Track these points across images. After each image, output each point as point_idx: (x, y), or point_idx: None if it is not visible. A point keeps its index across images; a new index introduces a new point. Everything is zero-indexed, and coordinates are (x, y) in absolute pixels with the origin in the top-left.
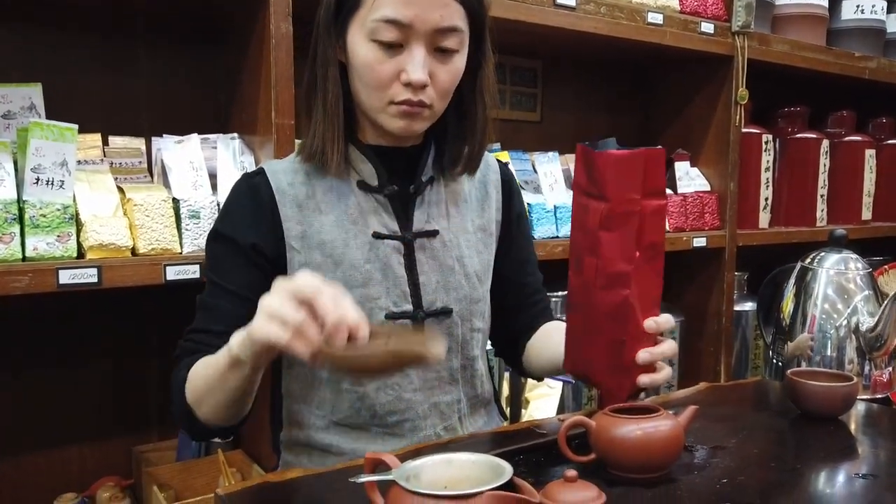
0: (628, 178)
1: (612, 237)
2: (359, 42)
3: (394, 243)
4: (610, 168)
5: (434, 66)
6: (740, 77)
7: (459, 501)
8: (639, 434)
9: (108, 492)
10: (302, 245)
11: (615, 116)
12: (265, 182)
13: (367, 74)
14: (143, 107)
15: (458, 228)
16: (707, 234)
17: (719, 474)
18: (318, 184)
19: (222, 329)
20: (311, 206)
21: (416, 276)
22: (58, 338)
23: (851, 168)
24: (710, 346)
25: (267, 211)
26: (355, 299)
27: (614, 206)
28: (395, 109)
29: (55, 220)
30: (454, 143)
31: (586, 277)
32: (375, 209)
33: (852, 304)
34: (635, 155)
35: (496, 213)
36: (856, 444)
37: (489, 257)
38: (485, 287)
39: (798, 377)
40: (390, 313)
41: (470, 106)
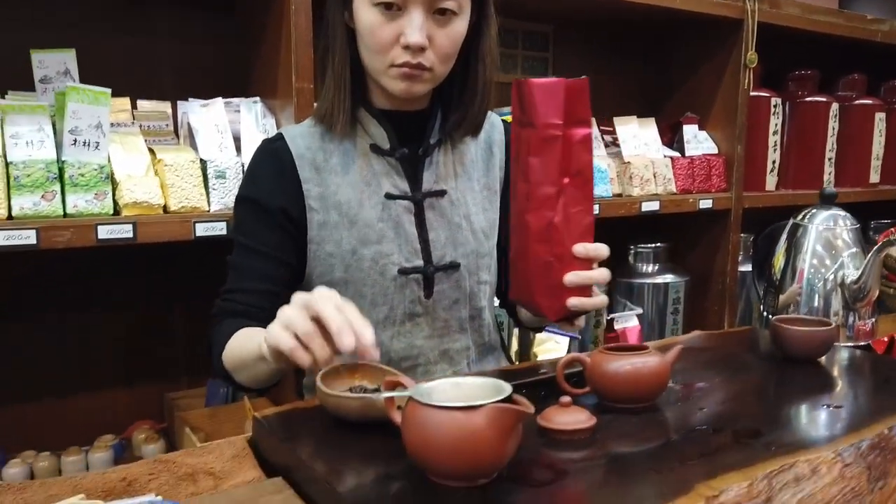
0: (551, 105)
1: (538, 162)
2: (362, 7)
3: (405, 203)
4: (534, 94)
5: (433, 29)
6: (750, 40)
7: (465, 412)
8: (628, 368)
9: (143, 433)
10: (320, 205)
11: (626, 80)
12: (284, 147)
13: (369, 38)
14: (167, 71)
15: (465, 188)
16: (713, 196)
17: (699, 404)
18: (333, 147)
19: (253, 286)
20: (327, 168)
21: (426, 233)
22: (96, 290)
23: (860, 131)
24: (714, 305)
25: (288, 174)
26: (370, 255)
27: (539, 132)
28: (395, 72)
29: (93, 180)
30: (458, 107)
31: (519, 203)
32: (387, 171)
33: (839, 258)
34: (556, 83)
35: (500, 172)
36: (831, 382)
37: (494, 215)
38: (491, 242)
39: (782, 323)
40: (402, 268)
41: (473, 69)
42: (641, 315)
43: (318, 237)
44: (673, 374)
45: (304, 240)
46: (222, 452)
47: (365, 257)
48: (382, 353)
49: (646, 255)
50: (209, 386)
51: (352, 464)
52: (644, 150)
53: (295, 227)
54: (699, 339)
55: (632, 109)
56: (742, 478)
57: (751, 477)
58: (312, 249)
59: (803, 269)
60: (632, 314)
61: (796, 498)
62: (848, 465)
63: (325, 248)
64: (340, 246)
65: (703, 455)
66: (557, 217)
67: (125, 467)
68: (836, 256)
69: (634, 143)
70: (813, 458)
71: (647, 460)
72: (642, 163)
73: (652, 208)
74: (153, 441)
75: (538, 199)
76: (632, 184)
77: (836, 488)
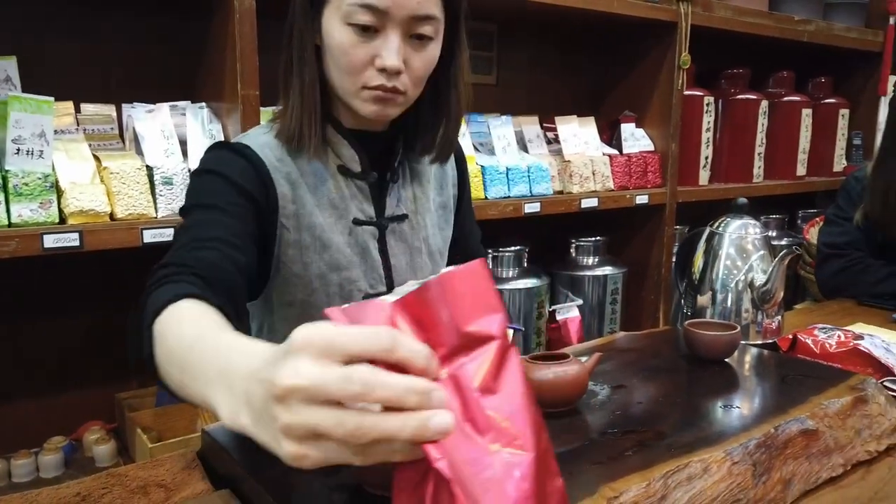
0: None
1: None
2: (334, 25)
3: (370, 229)
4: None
5: (409, 52)
6: (684, 42)
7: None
8: (550, 377)
9: (94, 434)
10: (294, 224)
11: (567, 79)
12: (256, 156)
13: (341, 58)
14: (111, 73)
15: (423, 209)
16: (649, 191)
17: (615, 407)
18: (301, 165)
19: (216, 234)
20: (301, 185)
21: (389, 259)
22: (45, 297)
23: (788, 127)
24: (650, 295)
25: (263, 181)
26: (337, 281)
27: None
28: (368, 94)
29: (37, 188)
30: (427, 131)
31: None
32: (355, 195)
33: (749, 262)
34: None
35: (453, 189)
36: (734, 383)
37: (449, 232)
38: (444, 261)
39: (691, 327)
40: (367, 295)
41: (444, 95)
42: (582, 306)
43: (285, 256)
44: (596, 375)
45: (262, 250)
46: (173, 465)
47: (332, 282)
48: None
49: (586, 248)
50: (159, 385)
51: (297, 476)
52: (584, 149)
53: (261, 231)
54: (624, 339)
55: (573, 108)
56: (641, 479)
57: (649, 478)
58: (277, 267)
59: (718, 272)
60: (573, 305)
61: (688, 495)
62: (736, 462)
63: (293, 268)
64: (309, 269)
65: (611, 458)
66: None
67: (78, 482)
68: (746, 260)
69: (575, 141)
70: (706, 457)
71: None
72: (582, 161)
73: (591, 205)
74: (104, 442)
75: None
76: (572, 181)
77: (724, 484)
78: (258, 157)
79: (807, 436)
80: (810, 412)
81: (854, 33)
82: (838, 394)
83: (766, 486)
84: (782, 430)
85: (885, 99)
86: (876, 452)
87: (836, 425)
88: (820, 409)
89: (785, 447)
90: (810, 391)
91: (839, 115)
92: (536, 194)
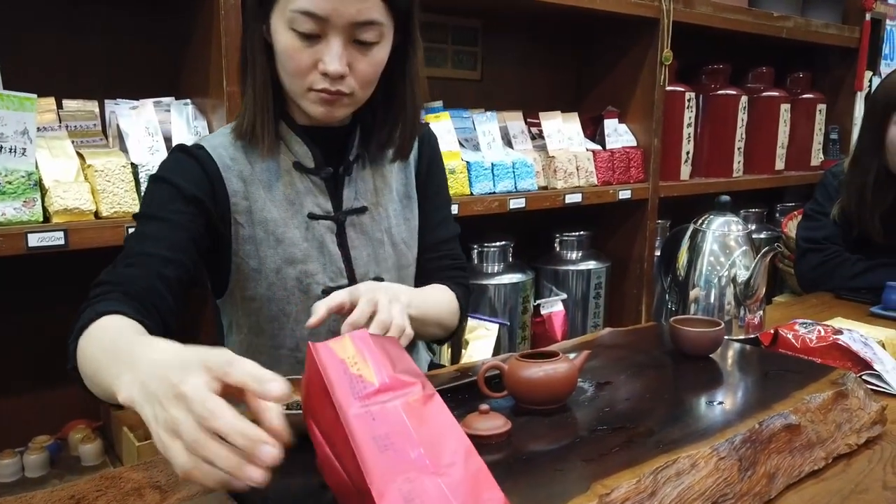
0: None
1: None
2: (279, 29)
3: (327, 223)
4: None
5: (354, 56)
6: (666, 38)
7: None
8: (541, 375)
9: (80, 433)
10: (247, 220)
11: (552, 75)
12: (208, 156)
13: (286, 62)
14: (94, 69)
15: (386, 200)
16: (632, 186)
17: (603, 404)
18: (256, 162)
19: (157, 251)
20: (254, 182)
21: (349, 252)
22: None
23: (767, 121)
24: (633, 289)
25: (212, 182)
26: (294, 275)
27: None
28: (314, 96)
29: (20, 187)
30: (383, 128)
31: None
32: (310, 190)
33: (731, 258)
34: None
35: (414, 177)
36: (719, 378)
37: (415, 222)
38: (412, 251)
39: (677, 324)
40: (327, 288)
41: (400, 94)
42: (566, 300)
43: (242, 251)
44: (585, 372)
45: (219, 248)
46: (167, 466)
47: (289, 276)
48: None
49: (570, 243)
50: (83, 392)
51: (293, 476)
52: (567, 145)
53: (211, 232)
54: (610, 336)
55: (556, 103)
56: (631, 475)
57: (639, 474)
58: (236, 263)
59: (702, 268)
60: (557, 300)
61: (677, 490)
62: (722, 458)
63: (250, 263)
64: (265, 263)
65: (601, 455)
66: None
67: (72, 484)
68: (729, 257)
69: (559, 137)
70: (693, 453)
71: (553, 461)
72: (566, 157)
73: (575, 200)
74: (90, 441)
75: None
76: (556, 177)
77: (711, 479)
78: (210, 158)
79: (790, 430)
80: (793, 407)
81: (832, 29)
82: (819, 388)
83: (752, 481)
84: (766, 426)
85: (860, 94)
86: (856, 445)
87: (817, 419)
88: (802, 404)
89: (769, 442)
90: (792, 386)
91: (817, 109)
92: (521, 190)
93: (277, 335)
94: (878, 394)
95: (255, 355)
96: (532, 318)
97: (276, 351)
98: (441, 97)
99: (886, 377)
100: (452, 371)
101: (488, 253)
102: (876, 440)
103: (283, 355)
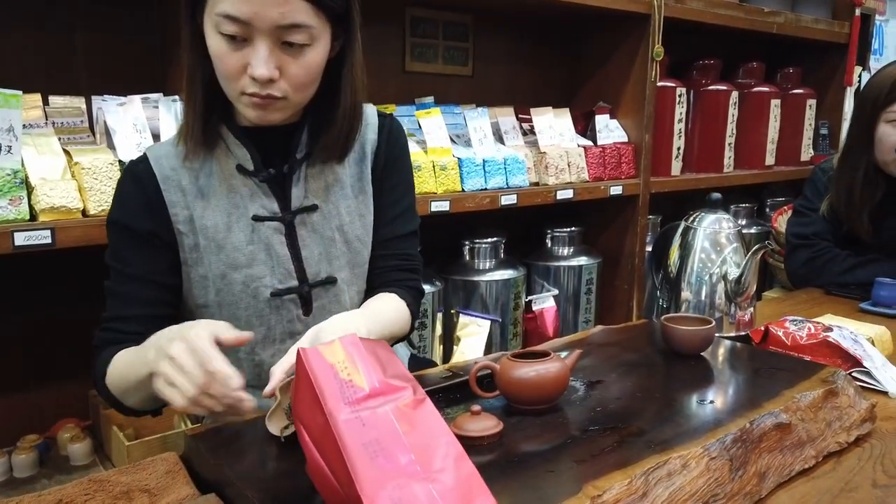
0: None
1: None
2: (209, 33)
3: (274, 224)
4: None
5: (284, 59)
6: (657, 35)
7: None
8: (532, 374)
9: (69, 433)
10: (189, 229)
11: (543, 71)
12: (148, 170)
13: (217, 65)
14: (80, 65)
15: (337, 197)
16: (623, 182)
17: (595, 404)
18: (198, 168)
19: (133, 313)
20: (193, 190)
21: (299, 252)
22: (17, 293)
23: (757, 117)
24: (624, 284)
25: (153, 198)
26: (240, 280)
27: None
28: (246, 100)
29: (6, 185)
30: (328, 129)
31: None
32: (255, 192)
33: (722, 255)
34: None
35: (370, 172)
36: (710, 377)
37: (370, 217)
38: (369, 248)
39: (668, 322)
40: (276, 291)
41: (338, 95)
42: (558, 296)
43: (190, 259)
44: (576, 371)
45: (178, 260)
46: (156, 469)
47: (235, 281)
48: (265, 371)
49: (561, 239)
50: (129, 414)
51: (282, 480)
52: (559, 140)
53: (168, 248)
54: (601, 334)
55: (548, 99)
56: (623, 476)
57: (631, 475)
58: (186, 271)
59: (693, 265)
60: (548, 296)
61: (668, 491)
62: (714, 458)
63: (198, 270)
64: (210, 270)
65: (593, 455)
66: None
67: (59, 488)
68: (720, 254)
69: (550, 133)
70: (684, 453)
71: (545, 462)
72: (557, 153)
73: (566, 196)
74: (79, 440)
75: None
76: (547, 173)
77: (703, 480)
78: (150, 172)
79: (781, 429)
80: (784, 405)
81: (822, 24)
82: (810, 386)
83: (743, 480)
84: (757, 425)
85: (850, 89)
86: (846, 443)
87: (808, 418)
88: (793, 402)
89: (760, 441)
90: (783, 384)
91: (807, 105)
92: (512, 186)
93: None
94: (868, 391)
95: None
96: (524, 314)
97: (233, 355)
98: (432, 93)
99: (876, 374)
100: (443, 370)
101: (480, 249)
102: (866, 438)
103: (241, 359)
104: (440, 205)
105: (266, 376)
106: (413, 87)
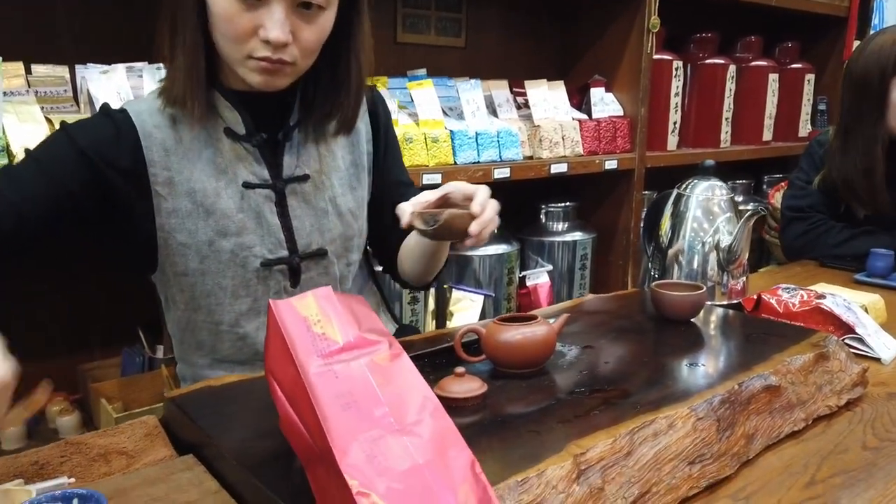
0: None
1: None
2: None
3: (265, 192)
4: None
5: (297, 23)
6: (653, 5)
7: None
8: (518, 338)
9: (57, 406)
10: (169, 192)
11: (537, 43)
12: (128, 121)
13: (224, 26)
14: (64, 33)
15: (330, 168)
16: (618, 156)
17: (582, 367)
18: (185, 129)
19: (16, 198)
20: (179, 151)
21: (290, 222)
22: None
23: (755, 92)
24: (619, 260)
25: (127, 149)
26: (229, 247)
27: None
28: (254, 64)
29: None
30: (325, 98)
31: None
32: (244, 157)
33: (715, 224)
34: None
35: (367, 146)
36: (700, 342)
37: (363, 192)
38: (360, 222)
39: (658, 288)
40: (266, 261)
41: (343, 66)
42: (552, 271)
43: (167, 225)
44: (564, 337)
45: (134, 220)
46: (134, 432)
47: (224, 249)
48: (249, 344)
49: (555, 214)
50: (124, 355)
51: (259, 440)
52: (553, 114)
53: (106, 200)
54: (593, 302)
55: (542, 71)
56: (607, 436)
57: (615, 434)
58: (162, 237)
59: (685, 234)
60: (542, 271)
61: (654, 450)
62: (700, 418)
63: (177, 237)
64: (195, 236)
65: (578, 416)
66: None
67: (36, 450)
68: (713, 222)
69: (544, 106)
70: (671, 413)
71: (529, 423)
72: (551, 126)
73: (561, 170)
74: (68, 413)
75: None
76: (542, 147)
77: (689, 440)
78: (130, 124)
79: (770, 392)
80: (773, 369)
81: None
82: (801, 351)
83: (730, 441)
84: (746, 387)
85: None
86: (836, 407)
87: (798, 381)
88: (783, 365)
89: (748, 403)
90: (773, 349)
91: (805, 80)
92: (506, 160)
93: (215, 311)
94: (861, 357)
95: (195, 332)
96: (517, 289)
97: (215, 327)
98: (424, 65)
99: (869, 341)
100: (429, 335)
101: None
102: (857, 402)
103: (223, 331)
104: (432, 177)
105: (251, 350)
106: (405, 59)
